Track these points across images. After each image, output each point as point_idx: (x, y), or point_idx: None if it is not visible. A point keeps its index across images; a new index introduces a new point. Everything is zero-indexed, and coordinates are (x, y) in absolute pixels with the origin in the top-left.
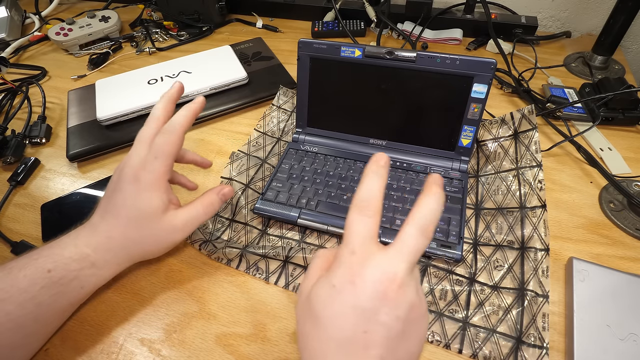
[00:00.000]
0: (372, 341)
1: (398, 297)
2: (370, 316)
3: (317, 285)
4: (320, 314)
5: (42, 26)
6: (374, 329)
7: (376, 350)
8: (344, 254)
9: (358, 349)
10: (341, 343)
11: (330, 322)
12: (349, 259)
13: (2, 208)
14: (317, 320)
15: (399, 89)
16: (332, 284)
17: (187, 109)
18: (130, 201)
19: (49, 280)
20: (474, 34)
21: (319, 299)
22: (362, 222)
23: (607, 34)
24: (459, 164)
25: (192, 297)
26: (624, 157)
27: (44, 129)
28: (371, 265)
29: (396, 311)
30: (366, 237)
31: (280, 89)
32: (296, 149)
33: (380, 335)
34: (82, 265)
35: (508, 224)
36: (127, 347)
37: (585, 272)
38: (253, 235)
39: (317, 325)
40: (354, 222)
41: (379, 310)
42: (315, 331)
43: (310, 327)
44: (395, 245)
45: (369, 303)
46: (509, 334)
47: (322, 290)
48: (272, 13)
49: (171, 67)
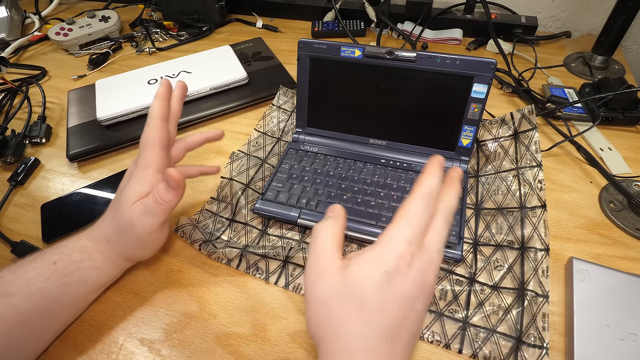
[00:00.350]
0: (407, 328)
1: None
2: (411, 303)
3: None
4: (370, 299)
5: (42, 26)
6: (411, 316)
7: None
8: (399, 239)
9: (396, 334)
10: (384, 328)
11: (380, 308)
12: (404, 247)
13: (2, 208)
14: (364, 304)
15: (399, 89)
16: (384, 270)
17: (156, 97)
18: (118, 192)
19: (54, 270)
20: (474, 34)
21: (369, 284)
22: (426, 213)
23: (607, 34)
24: (459, 164)
25: (192, 297)
26: (624, 157)
27: (44, 129)
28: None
29: (426, 301)
30: (423, 229)
31: (280, 89)
32: (296, 149)
33: (415, 322)
34: (82, 255)
35: (508, 224)
36: (127, 347)
37: (585, 272)
38: (253, 235)
39: (362, 309)
40: (419, 212)
41: (417, 298)
42: (356, 316)
43: (348, 311)
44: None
45: (414, 292)
46: (509, 334)
47: (373, 275)
48: (272, 13)
49: (171, 67)
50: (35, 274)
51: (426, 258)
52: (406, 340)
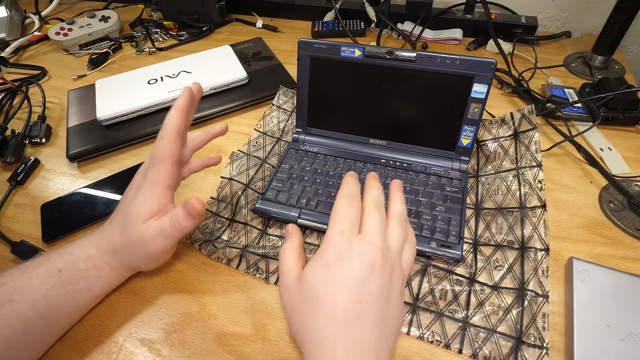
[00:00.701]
0: (366, 310)
1: (382, 267)
2: (362, 286)
3: (310, 268)
4: (318, 292)
5: (42, 26)
6: (366, 298)
7: (370, 318)
8: (333, 234)
9: (355, 318)
10: (340, 315)
11: (329, 296)
12: (338, 238)
13: (2, 208)
14: (316, 299)
15: (399, 89)
16: (325, 262)
17: (175, 108)
18: (125, 205)
19: (59, 279)
20: (474, 34)
21: (315, 279)
22: (351, 208)
23: (607, 34)
24: (459, 164)
25: (192, 297)
26: (624, 157)
27: (43, 129)
28: (357, 242)
29: (381, 280)
30: (353, 220)
31: (280, 89)
32: (296, 149)
33: (372, 304)
34: (88, 265)
35: (508, 224)
36: (127, 347)
37: (585, 272)
38: (253, 235)
39: (316, 303)
40: (343, 208)
41: (368, 280)
42: (315, 309)
43: (309, 308)
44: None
45: (360, 274)
46: (509, 334)
47: (317, 271)
48: (272, 13)
49: (171, 67)
50: (39, 282)
51: (366, 241)
52: (372, 323)
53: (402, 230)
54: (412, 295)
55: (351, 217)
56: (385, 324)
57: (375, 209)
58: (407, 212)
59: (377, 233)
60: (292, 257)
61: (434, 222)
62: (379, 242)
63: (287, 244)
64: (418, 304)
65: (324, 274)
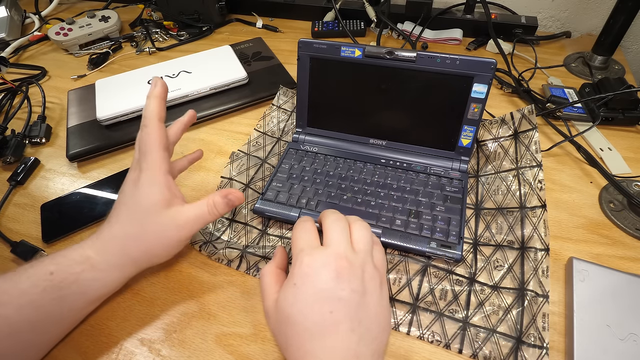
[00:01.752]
0: (339, 318)
1: (350, 272)
2: (330, 296)
3: (282, 292)
4: (290, 313)
5: (42, 26)
6: (336, 306)
7: (344, 325)
8: (295, 254)
9: (329, 328)
10: (314, 329)
11: (300, 315)
12: (300, 257)
13: (2, 208)
14: (289, 319)
15: (399, 89)
16: (292, 282)
17: (151, 97)
18: (130, 199)
19: (49, 282)
20: (474, 34)
21: (287, 302)
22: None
23: (607, 34)
24: (459, 164)
25: (192, 297)
26: (624, 157)
27: (43, 129)
28: (319, 254)
29: (351, 284)
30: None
31: (280, 89)
32: (296, 149)
33: (344, 310)
34: (83, 267)
35: (508, 224)
36: (127, 347)
37: (585, 272)
38: (253, 236)
39: (291, 324)
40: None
41: (337, 288)
42: (290, 330)
43: (285, 330)
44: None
45: (326, 285)
46: (509, 334)
47: (287, 293)
48: (272, 13)
49: (171, 67)
50: (29, 284)
51: (328, 251)
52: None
53: (367, 231)
54: (412, 295)
55: (308, 236)
56: (364, 328)
57: (335, 221)
58: (407, 212)
59: (340, 241)
60: (270, 281)
61: (434, 222)
62: (342, 248)
63: (267, 266)
64: (418, 304)
65: (294, 294)
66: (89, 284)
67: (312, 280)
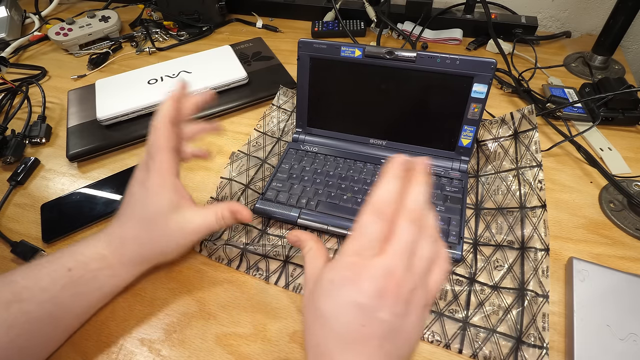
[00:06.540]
0: (370, 334)
1: (396, 295)
2: (369, 313)
3: (320, 278)
4: (321, 307)
5: (42, 26)
6: (372, 323)
7: (375, 341)
8: (348, 252)
9: (357, 340)
10: (341, 335)
11: (330, 314)
12: (351, 259)
13: (2, 208)
14: (318, 313)
15: (399, 89)
16: (330, 278)
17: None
18: (140, 203)
19: (69, 279)
20: (474, 34)
21: (320, 294)
22: (376, 225)
23: (607, 34)
24: (459, 164)
25: (192, 297)
26: (624, 157)
27: (43, 129)
28: (372, 265)
29: (394, 308)
30: (375, 239)
31: (280, 89)
32: (296, 149)
33: (378, 330)
34: (100, 265)
35: (508, 224)
36: (127, 347)
37: (585, 272)
38: (253, 235)
39: (318, 318)
40: (368, 224)
41: (378, 308)
42: (317, 324)
43: (312, 321)
44: (392, 243)
45: (369, 301)
46: (509, 334)
47: (323, 285)
48: (272, 13)
49: (171, 67)
50: (49, 281)
51: (383, 265)
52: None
53: (433, 246)
54: None
55: (374, 235)
56: (394, 347)
57: (410, 224)
58: None
59: (403, 255)
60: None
61: None
62: (400, 267)
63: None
64: None
65: (329, 290)
66: (106, 280)
67: (352, 288)
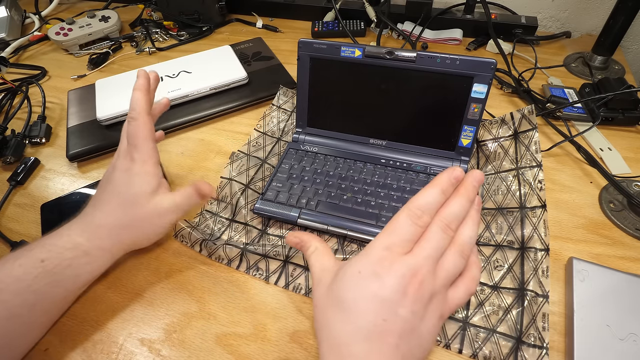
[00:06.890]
0: (390, 330)
1: (417, 294)
2: (390, 307)
3: (343, 270)
4: (344, 297)
5: (42, 26)
6: (392, 319)
7: (392, 338)
8: (377, 247)
9: (376, 334)
10: (361, 327)
11: (353, 305)
12: (380, 253)
13: (2, 208)
14: (341, 304)
15: (399, 89)
16: (357, 269)
17: (137, 89)
18: (123, 188)
19: (42, 269)
20: (474, 34)
21: (344, 284)
22: (411, 227)
23: (607, 34)
24: (459, 164)
25: (192, 297)
26: (624, 157)
27: (43, 129)
28: (400, 262)
29: (414, 306)
30: (406, 240)
31: (280, 89)
32: (296, 149)
33: (397, 326)
34: (75, 253)
35: (508, 224)
36: (127, 347)
37: (585, 272)
38: (253, 235)
39: (340, 307)
40: (402, 224)
41: (399, 303)
42: (339, 314)
43: (333, 312)
44: (421, 244)
45: (391, 295)
46: (509, 334)
47: (348, 275)
48: (272, 13)
49: (171, 67)
50: (22, 272)
51: (409, 264)
52: (394, 343)
53: (460, 260)
54: None
55: (407, 236)
56: (408, 349)
57: (441, 231)
58: None
59: (428, 258)
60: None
61: None
62: (424, 269)
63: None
64: None
65: (355, 281)
66: (82, 268)
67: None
